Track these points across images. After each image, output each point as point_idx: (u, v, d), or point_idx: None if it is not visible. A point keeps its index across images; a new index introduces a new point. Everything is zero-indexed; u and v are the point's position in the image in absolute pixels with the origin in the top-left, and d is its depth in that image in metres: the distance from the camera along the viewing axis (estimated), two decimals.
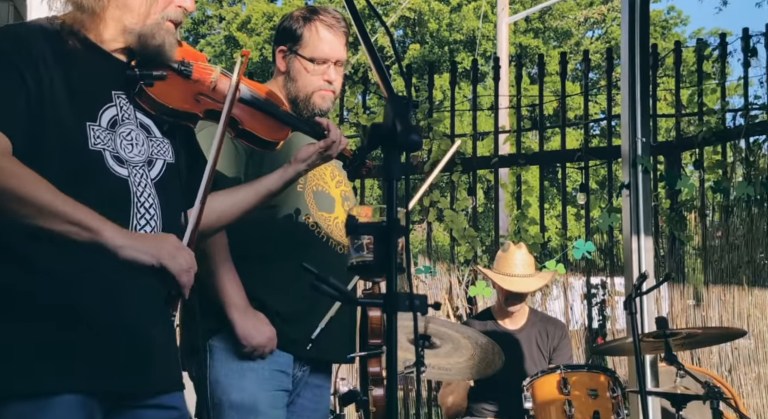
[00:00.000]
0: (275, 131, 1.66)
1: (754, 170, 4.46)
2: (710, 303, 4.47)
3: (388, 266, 1.16)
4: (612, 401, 2.77)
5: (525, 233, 4.43)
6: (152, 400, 1.48)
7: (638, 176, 3.94)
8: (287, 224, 1.98)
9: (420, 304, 1.16)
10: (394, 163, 1.19)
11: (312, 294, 1.89)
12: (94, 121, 1.44)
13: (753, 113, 4.60)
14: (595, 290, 4.49)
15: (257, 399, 1.91)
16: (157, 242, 1.40)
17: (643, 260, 3.87)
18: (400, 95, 1.23)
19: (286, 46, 2.04)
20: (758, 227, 4.44)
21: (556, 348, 3.37)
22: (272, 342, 1.91)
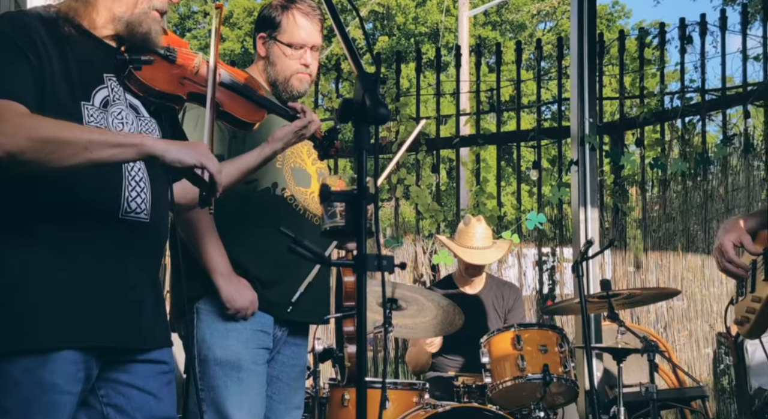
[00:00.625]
0: (252, 113, 1.68)
1: (689, 147, 4.55)
2: (649, 268, 4.58)
3: (358, 230, 1.17)
4: (560, 355, 2.82)
5: (483, 207, 4.48)
6: (143, 355, 1.50)
7: (586, 153, 4.01)
8: (267, 197, 2.00)
9: (387, 264, 1.17)
10: (363, 135, 1.20)
11: (290, 262, 1.96)
12: (88, 100, 1.45)
13: (688, 95, 4.68)
14: (545, 258, 4.57)
15: (240, 357, 1.93)
16: (193, 145, 1.44)
17: (590, 229, 3.95)
18: (368, 72, 1.23)
19: (266, 33, 2.05)
20: (692, 199, 4.54)
21: (511, 309, 3.43)
22: (254, 305, 1.94)
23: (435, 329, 2.99)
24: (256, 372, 1.95)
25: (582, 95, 4.09)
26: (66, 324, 1.38)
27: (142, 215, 1.47)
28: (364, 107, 1.18)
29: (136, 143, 1.37)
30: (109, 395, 1.47)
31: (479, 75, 4.86)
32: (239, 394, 1.91)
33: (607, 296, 2.93)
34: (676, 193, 4.59)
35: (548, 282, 4.53)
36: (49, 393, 1.37)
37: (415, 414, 2.61)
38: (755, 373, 3.91)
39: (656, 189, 4.67)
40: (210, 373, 1.92)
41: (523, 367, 2.74)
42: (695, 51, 4.70)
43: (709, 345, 4.54)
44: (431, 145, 4.62)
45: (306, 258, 1.17)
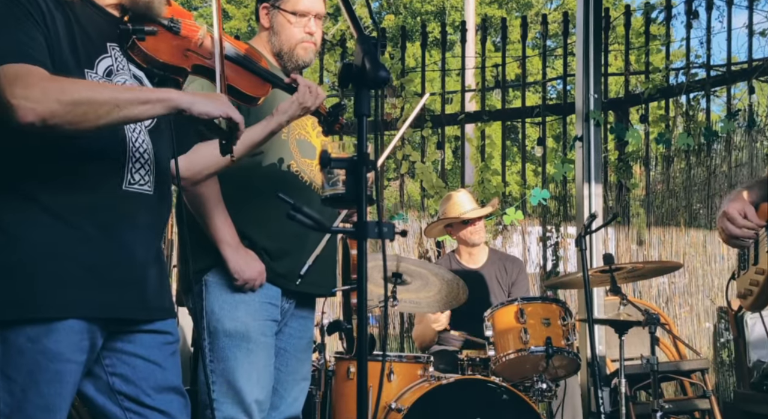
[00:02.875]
0: (257, 86, 1.64)
1: (693, 123, 4.47)
2: (651, 244, 4.53)
3: (358, 197, 1.13)
4: (563, 328, 2.80)
5: (488, 183, 4.42)
6: (148, 326, 1.48)
7: (590, 129, 3.93)
8: (273, 169, 1.98)
9: (388, 231, 1.13)
10: (364, 99, 1.15)
11: (297, 233, 1.93)
12: (91, 68, 1.42)
13: (693, 71, 4.58)
14: (549, 234, 4.52)
15: (249, 328, 1.92)
16: (215, 97, 1.42)
17: (593, 205, 3.89)
18: (368, 35, 1.18)
19: (269, 3, 2.01)
20: (695, 176, 4.48)
21: (515, 282, 3.39)
22: (262, 276, 1.92)
23: (439, 304, 2.96)
24: (264, 343, 1.93)
25: (587, 71, 4.00)
26: (70, 294, 1.37)
27: (146, 188, 1.44)
28: (364, 70, 1.13)
29: (164, 98, 1.36)
30: (115, 364, 1.46)
31: (485, 51, 4.77)
32: (248, 365, 1.89)
33: (610, 270, 2.89)
34: (680, 169, 4.52)
35: (552, 259, 4.49)
36: (54, 361, 1.36)
37: (420, 386, 2.59)
38: (754, 346, 3.89)
39: (660, 166, 4.60)
40: (219, 345, 1.90)
41: (526, 340, 2.71)
42: (701, 26, 4.60)
43: (710, 319, 4.51)
44: (436, 121, 4.55)
45: (305, 225, 1.13)
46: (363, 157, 1.14)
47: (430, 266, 2.98)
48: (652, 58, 4.73)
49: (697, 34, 4.66)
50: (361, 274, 1.09)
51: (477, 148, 4.61)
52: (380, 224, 1.11)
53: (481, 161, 4.56)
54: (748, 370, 3.87)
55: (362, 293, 1.09)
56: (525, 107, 4.72)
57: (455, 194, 3.42)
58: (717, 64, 4.65)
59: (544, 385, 2.69)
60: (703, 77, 4.56)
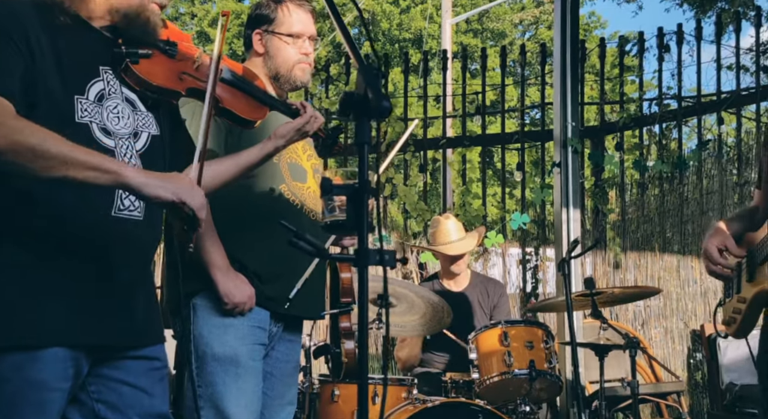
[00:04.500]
0: (254, 110, 1.62)
1: (666, 151, 4.57)
2: (627, 268, 4.58)
3: (359, 224, 1.12)
4: (545, 351, 2.81)
5: (469, 207, 4.45)
6: (136, 352, 1.44)
7: (568, 156, 3.99)
8: (265, 192, 1.95)
9: (389, 258, 1.12)
10: (365, 129, 1.15)
11: (287, 256, 1.90)
12: (82, 94, 1.37)
13: (666, 101, 4.70)
14: (529, 257, 4.55)
15: (238, 352, 1.88)
16: (175, 179, 1.35)
17: (572, 229, 3.94)
18: (370, 65, 1.18)
19: (262, 29, 2.00)
20: (668, 202, 4.56)
21: (496, 305, 3.41)
22: (251, 300, 1.88)
23: (424, 327, 2.95)
24: (253, 368, 1.89)
25: (565, 100, 4.07)
26: (55, 321, 1.32)
27: (136, 213, 1.40)
28: (367, 100, 1.13)
29: (116, 171, 1.29)
30: (101, 391, 1.41)
31: (465, 78, 4.83)
32: (237, 390, 1.85)
33: (591, 294, 2.91)
34: (654, 196, 4.61)
35: (532, 281, 4.51)
36: (38, 390, 1.31)
37: (405, 409, 2.56)
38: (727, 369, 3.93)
39: (634, 192, 4.69)
40: (208, 369, 1.86)
41: (510, 363, 2.71)
42: (672, 59, 4.73)
43: (684, 342, 4.56)
44: (419, 145, 4.59)
45: (307, 252, 1.12)
46: (364, 184, 1.13)
47: (416, 289, 2.97)
48: (625, 88, 4.84)
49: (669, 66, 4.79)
50: (362, 300, 1.08)
51: (458, 172, 4.64)
52: (382, 251, 1.11)
53: (462, 184, 4.59)
54: (721, 392, 3.91)
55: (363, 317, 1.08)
56: (504, 133, 4.78)
57: (443, 221, 3.42)
58: (688, 95, 4.78)
59: (527, 408, 2.69)
60: (675, 108, 4.68)
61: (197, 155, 1.44)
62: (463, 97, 4.78)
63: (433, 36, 15.61)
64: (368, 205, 1.15)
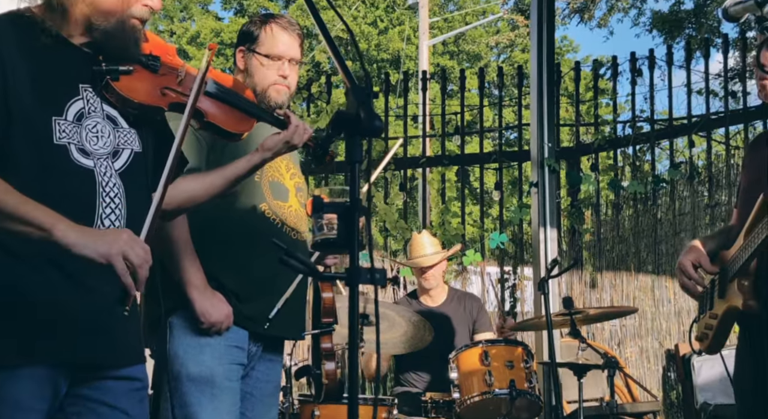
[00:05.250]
0: (240, 122, 1.58)
1: (640, 173, 4.66)
2: (603, 287, 4.63)
3: (351, 242, 1.11)
4: (525, 371, 2.80)
5: (448, 226, 4.47)
6: (116, 372, 1.40)
7: (545, 176, 4.04)
8: (245, 210, 1.92)
9: (380, 277, 1.11)
10: (356, 148, 1.15)
11: (266, 275, 1.88)
12: (60, 115, 1.34)
13: (639, 124, 4.80)
14: (507, 276, 4.57)
15: (214, 372, 1.84)
16: (109, 239, 1.26)
17: (549, 248, 3.97)
18: (361, 86, 1.18)
19: (245, 47, 1.99)
20: (643, 222, 4.64)
21: (476, 319, 3.41)
22: (229, 320, 1.85)
23: (405, 345, 2.93)
24: (230, 388, 1.85)
25: (542, 121, 4.14)
26: (31, 340, 1.28)
27: None
28: (359, 119, 1.13)
29: (47, 228, 1.23)
30: (80, 412, 1.36)
31: (444, 99, 4.89)
32: (213, 411, 1.80)
33: (570, 313, 2.93)
34: (629, 216, 4.68)
35: (510, 300, 4.53)
36: (14, 411, 1.27)
37: None
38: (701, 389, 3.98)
39: (609, 212, 4.76)
40: (183, 390, 1.81)
41: (491, 383, 2.70)
42: (645, 83, 4.85)
43: (659, 362, 4.61)
44: (399, 164, 4.61)
45: (298, 270, 1.11)
46: (355, 202, 1.13)
47: (397, 308, 2.96)
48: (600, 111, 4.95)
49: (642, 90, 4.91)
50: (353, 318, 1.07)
51: (438, 191, 4.67)
52: (372, 270, 1.10)
53: (442, 203, 4.62)
54: (696, 412, 3.95)
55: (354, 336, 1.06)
56: (483, 153, 4.83)
57: (417, 236, 3.50)
58: (660, 119, 4.90)
59: None
60: (648, 130, 4.79)
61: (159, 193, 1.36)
62: (443, 118, 4.83)
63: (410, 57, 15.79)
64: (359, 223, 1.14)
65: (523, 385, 2.75)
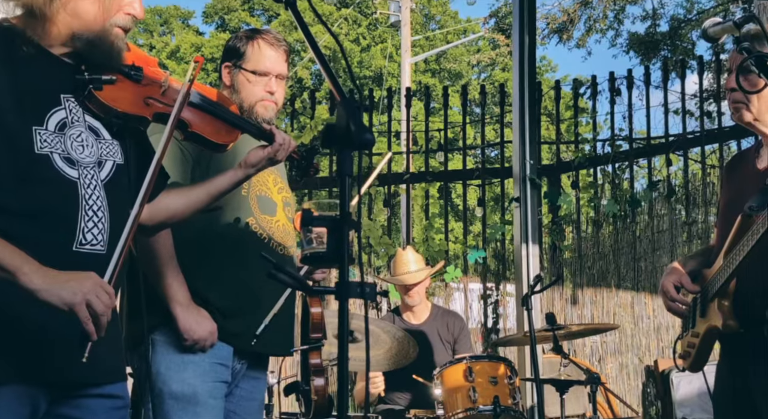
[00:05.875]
0: (224, 133, 1.57)
1: (619, 190, 4.72)
2: (584, 303, 4.66)
3: (341, 256, 1.10)
4: (509, 387, 2.79)
5: (432, 241, 4.47)
6: (97, 389, 1.36)
7: (527, 193, 4.07)
8: (231, 225, 1.89)
9: (370, 291, 1.10)
10: (347, 161, 1.14)
11: (252, 291, 1.85)
12: (40, 125, 1.31)
13: (618, 142, 4.87)
14: (490, 292, 4.58)
15: (197, 390, 1.80)
16: (73, 286, 1.23)
17: (531, 264, 3.98)
18: (351, 99, 1.18)
19: (231, 62, 1.98)
20: (623, 239, 4.69)
21: (457, 338, 3.40)
22: (213, 336, 1.81)
23: (389, 361, 2.91)
24: (213, 406, 1.81)
25: (523, 139, 4.18)
26: (10, 358, 1.25)
27: (98, 247, 1.33)
28: (349, 132, 1.12)
29: (12, 271, 1.21)
30: None
31: (428, 116, 4.92)
32: None
33: (552, 329, 2.93)
34: (608, 233, 4.73)
35: (492, 316, 4.53)
36: None
37: None
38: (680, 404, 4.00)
39: (590, 229, 4.80)
40: (165, 408, 1.77)
41: (475, 399, 2.68)
42: (623, 102, 4.93)
43: (639, 378, 4.62)
44: (383, 180, 4.61)
45: (287, 284, 1.09)
46: (345, 216, 1.11)
47: (382, 324, 2.93)
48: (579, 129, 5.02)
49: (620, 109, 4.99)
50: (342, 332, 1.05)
51: (421, 206, 4.68)
52: (363, 284, 1.08)
53: (426, 219, 4.62)
54: None
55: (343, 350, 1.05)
56: (466, 170, 4.86)
57: (401, 252, 3.47)
58: (638, 137, 4.97)
59: None
60: (627, 149, 4.86)
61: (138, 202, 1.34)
62: (426, 134, 4.85)
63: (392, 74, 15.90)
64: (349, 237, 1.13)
65: (507, 401, 2.74)
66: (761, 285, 1.73)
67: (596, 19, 11.31)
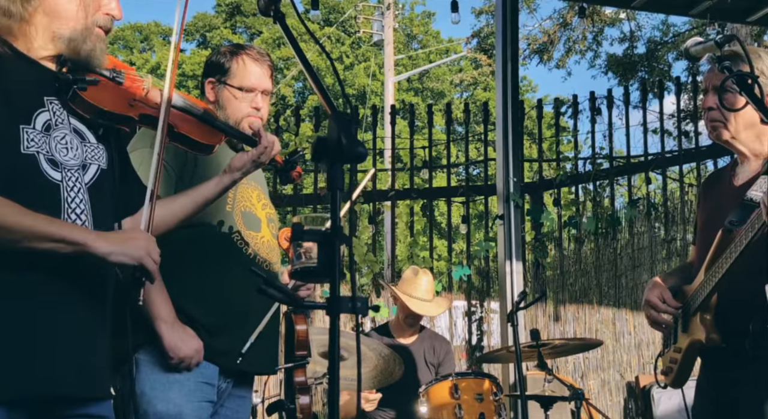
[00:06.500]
0: (210, 135, 1.57)
1: (600, 208, 4.76)
2: (566, 320, 4.67)
3: (332, 271, 1.08)
4: (495, 404, 2.78)
5: (417, 258, 4.46)
6: (81, 409, 1.32)
7: (511, 210, 4.09)
8: (216, 241, 1.86)
9: (362, 306, 1.09)
10: (339, 175, 1.13)
11: (238, 308, 1.82)
12: (28, 124, 1.30)
13: (599, 161, 4.93)
14: (474, 308, 4.57)
15: (182, 410, 1.75)
16: (132, 242, 1.33)
17: (515, 281, 3.99)
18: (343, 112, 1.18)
19: (215, 78, 1.96)
20: (604, 256, 4.72)
21: (441, 362, 3.40)
22: (199, 355, 1.77)
23: (374, 380, 2.88)
24: None
25: (507, 157, 4.21)
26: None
27: None
28: (341, 146, 1.12)
29: (80, 241, 1.27)
30: None
31: (412, 134, 4.94)
32: None
33: (537, 345, 2.93)
34: (590, 250, 4.76)
35: (477, 333, 4.52)
36: None
37: None
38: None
39: (572, 246, 4.84)
40: None
41: (461, 416, 2.67)
42: (604, 121, 5.00)
43: (620, 394, 4.64)
44: (368, 197, 4.61)
45: (277, 299, 1.07)
46: (337, 230, 1.10)
47: (368, 342, 2.90)
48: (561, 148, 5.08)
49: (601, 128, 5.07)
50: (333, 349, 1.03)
51: (406, 224, 4.67)
52: (354, 299, 1.07)
53: (411, 236, 4.62)
54: None
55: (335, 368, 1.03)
56: (450, 187, 4.88)
57: (422, 275, 3.38)
58: (618, 156, 5.04)
59: None
60: (608, 167, 4.92)
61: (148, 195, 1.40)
62: (411, 152, 4.87)
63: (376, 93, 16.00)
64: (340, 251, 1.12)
65: (493, 418, 2.72)
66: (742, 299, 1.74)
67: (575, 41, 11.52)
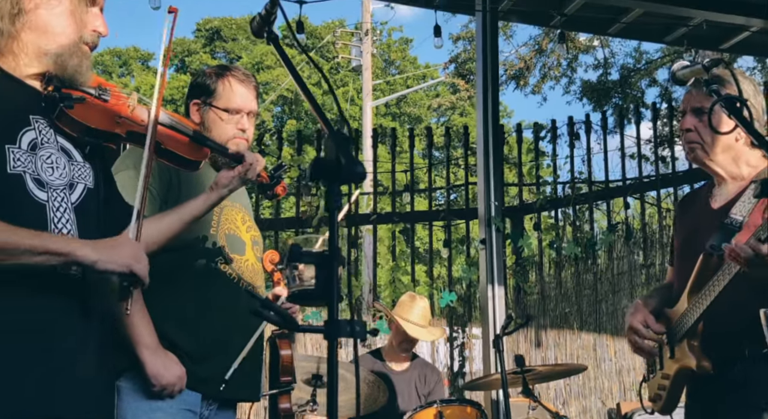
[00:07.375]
0: (195, 151, 1.58)
1: (580, 232, 4.80)
2: (548, 345, 4.66)
3: (329, 293, 1.06)
4: None
5: (399, 283, 4.44)
6: None
7: (492, 234, 4.10)
8: (200, 265, 1.83)
9: (360, 330, 1.06)
10: (336, 194, 1.11)
11: (222, 334, 1.78)
12: (13, 143, 1.27)
13: (578, 185, 4.98)
14: (456, 334, 4.55)
15: None
16: (119, 249, 1.31)
17: (497, 306, 3.98)
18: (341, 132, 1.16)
19: (200, 100, 1.94)
20: (584, 281, 4.75)
21: (431, 392, 3.37)
22: (182, 381, 1.72)
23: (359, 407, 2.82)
24: None
25: (488, 181, 4.24)
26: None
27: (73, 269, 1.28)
28: (339, 165, 1.10)
29: (66, 251, 1.25)
30: None
31: (394, 157, 4.95)
32: None
33: (522, 371, 2.91)
34: (570, 274, 4.79)
35: (459, 359, 4.49)
36: None
37: None
38: None
39: (552, 271, 4.85)
40: None
41: None
42: (582, 146, 5.08)
43: None
44: (350, 221, 4.58)
45: (274, 322, 1.04)
46: (335, 252, 1.08)
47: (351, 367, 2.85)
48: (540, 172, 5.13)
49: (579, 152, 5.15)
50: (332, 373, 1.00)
51: (388, 248, 4.65)
52: (352, 322, 1.04)
53: (393, 261, 4.60)
54: None
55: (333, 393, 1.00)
56: (431, 211, 4.88)
57: (418, 300, 3.39)
58: (597, 180, 5.11)
59: None
60: (586, 191, 4.98)
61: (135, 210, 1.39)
62: (393, 175, 4.87)
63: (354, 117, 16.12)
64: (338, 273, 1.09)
65: None
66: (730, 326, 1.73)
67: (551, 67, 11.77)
